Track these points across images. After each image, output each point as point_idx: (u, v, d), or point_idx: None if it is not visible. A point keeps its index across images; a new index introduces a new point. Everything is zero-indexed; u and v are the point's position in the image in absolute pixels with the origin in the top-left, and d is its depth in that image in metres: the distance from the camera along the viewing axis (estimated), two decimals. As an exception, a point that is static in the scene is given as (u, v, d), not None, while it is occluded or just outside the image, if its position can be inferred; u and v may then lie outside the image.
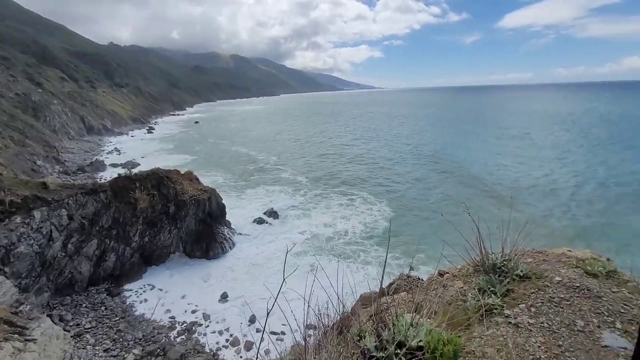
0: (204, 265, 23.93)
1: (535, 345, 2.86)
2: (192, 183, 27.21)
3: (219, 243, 25.29)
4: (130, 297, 20.47)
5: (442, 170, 47.48)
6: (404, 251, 24.91)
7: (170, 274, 22.68)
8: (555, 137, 70.12)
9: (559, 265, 3.97)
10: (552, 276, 3.65)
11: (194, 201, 25.05)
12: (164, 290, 20.91)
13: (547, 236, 26.04)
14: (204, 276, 22.55)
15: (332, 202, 36.11)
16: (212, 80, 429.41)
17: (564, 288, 3.43)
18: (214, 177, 46.18)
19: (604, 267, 3.71)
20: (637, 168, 43.19)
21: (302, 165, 53.88)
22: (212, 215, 26.45)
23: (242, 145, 74.25)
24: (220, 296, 20.37)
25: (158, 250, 23.86)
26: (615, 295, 3.32)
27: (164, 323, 18.29)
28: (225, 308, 19.34)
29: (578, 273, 3.70)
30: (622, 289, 3.43)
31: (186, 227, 24.83)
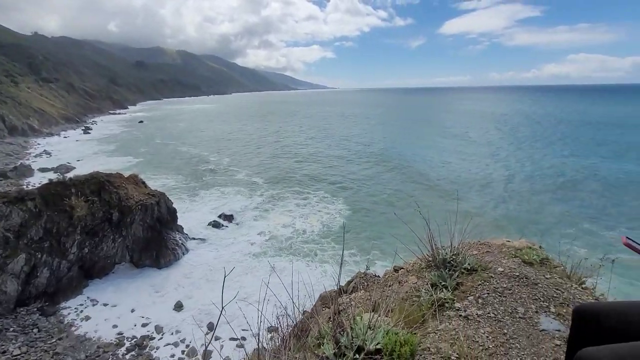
0: (155, 274, 22.44)
1: (484, 336, 3.10)
2: (138, 187, 25.36)
3: (171, 250, 23.89)
4: (69, 315, 18.52)
5: (393, 167, 49.67)
6: (360, 248, 25.62)
7: (116, 287, 20.92)
8: (490, 135, 77.18)
9: (501, 255, 4.36)
10: (495, 267, 3.99)
11: (140, 206, 23.36)
12: (110, 305, 19.24)
13: (487, 225, 28.52)
14: (155, 286, 21.15)
15: (289, 202, 35.95)
16: (157, 77, 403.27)
17: (506, 278, 3.77)
18: (164, 180, 43.50)
19: (538, 256, 4.15)
20: (556, 162, 49.48)
21: (257, 165, 52.89)
22: (161, 220, 24.90)
23: (193, 145, 70.83)
24: (174, 306, 19.26)
25: (101, 262, 21.87)
26: (549, 281, 3.71)
27: (110, 340, 16.83)
28: (180, 318, 18.34)
29: (517, 263, 4.09)
30: (554, 274, 3.87)
31: (133, 234, 23.07)
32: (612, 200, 33.73)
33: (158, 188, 34.38)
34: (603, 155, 52.80)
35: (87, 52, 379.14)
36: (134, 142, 75.11)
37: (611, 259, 3.97)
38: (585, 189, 37.32)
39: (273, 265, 23.22)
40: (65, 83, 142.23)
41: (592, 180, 40.05)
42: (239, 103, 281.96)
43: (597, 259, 4.26)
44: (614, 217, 29.85)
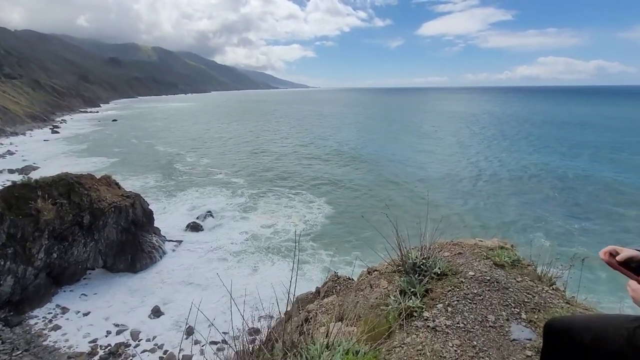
0: (130, 279, 21.56)
1: (452, 350, 2.95)
2: (111, 188, 24.27)
3: (147, 253, 23.02)
4: (36, 324, 17.46)
5: (365, 167, 50.00)
6: (339, 248, 25.47)
7: (88, 294, 19.94)
8: (460, 134, 79.59)
9: (473, 257, 4.30)
10: (466, 271, 3.90)
11: (114, 209, 22.35)
12: (81, 313, 18.30)
13: (458, 222, 29.23)
14: (131, 291, 20.32)
15: (270, 201, 35.52)
16: (131, 74, 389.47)
17: (477, 283, 3.67)
18: (140, 181, 41.99)
19: (509, 257, 4.11)
20: (521, 159, 51.90)
21: (237, 165, 51.97)
22: (137, 223, 23.94)
23: (170, 145, 68.78)
24: (151, 311, 18.55)
25: (71, 268, 20.75)
26: (520, 285, 3.63)
27: (82, 350, 15.99)
28: (157, 323, 17.68)
29: (488, 265, 4.02)
30: (525, 277, 3.81)
31: (106, 238, 22.03)
32: (570, 194, 35.45)
33: (134, 189, 33.11)
34: (562, 152, 55.79)
35: (54, 47, 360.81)
36: (107, 141, 72.10)
37: (581, 258, 3.99)
38: (546, 184, 38.89)
39: (255, 267, 22.90)
40: (30, 79, 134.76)
41: (550, 176, 41.97)
42: (217, 102, 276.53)
43: (567, 258, 4.27)
44: (573, 210, 31.34)
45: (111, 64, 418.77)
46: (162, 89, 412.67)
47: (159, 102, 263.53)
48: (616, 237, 25.93)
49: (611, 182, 38.82)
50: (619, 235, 26.39)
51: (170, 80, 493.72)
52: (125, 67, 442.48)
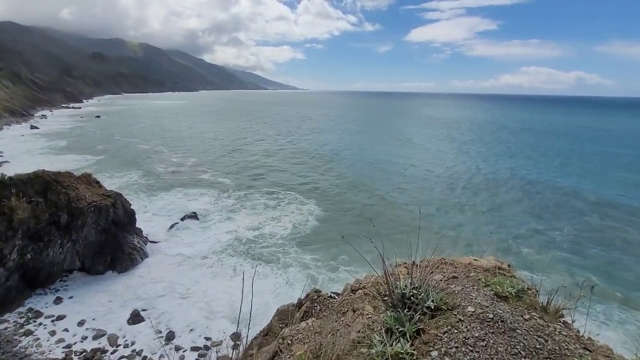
0: (110, 281, 20.77)
1: None
2: (91, 187, 23.41)
3: (128, 254, 22.25)
4: (7, 330, 16.54)
5: (372, 169, 50.30)
6: (325, 253, 25.11)
7: (63, 297, 19.09)
8: (441, 140, 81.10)
9: (470, 284, 3.82)
10: (464, 305, 3.36)
11: (93, 208, 21.54)
12: (56, 317, 17.46)
13: (446, 226, 29.66)
14: (110, 294, 19.55)
15: (257, 203, 35.02)
16: (116, 70, 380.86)
17: (478, 322, 3.11)
18: (122, 180, 40.83)
19: (513, 287, 3.59)
20: (502, 163, 54.06)
21: (223, 165, 51.20)
22: (118, 223, 23.14)
23: (156, 143, 67.27)
24: (130, 315, 17.87)
25: (46, 269, 19.84)
26: (529, 325, 3.11)
27: (55, 356, 15.23)
28: (137, 328, 17.03)
29: (489, 296, 3.52)
30: (533, 313, 3.29)
31: (84, 238, 21.20)
32: (536, 200, 36.62)
33: (115, 188, 32.14)
34: (535, 160, 57.84)
35: (36, 39, 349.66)
36: (89, 138, 69.99)
37: (590, 286, 3.60)
38: (513, 190, 40.18)
39: (235, 270, 22.43)
40: (10, 72, 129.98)
41: (515, 182, 43.43)
42: (205, 101, 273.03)
43: (575, 285, 3.91)
44: (549, 215, 32.14)
45: (95, 59, 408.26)
46: (148, 86, 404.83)
47: (145, 99, 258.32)
48: (563, 240, 26.71)
49: (570, 189, 40.40)
50: (564, 238, 27.19)
51: (157, 77, 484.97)
52: (110, 62, 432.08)
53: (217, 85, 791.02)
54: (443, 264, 4.38)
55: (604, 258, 24.44)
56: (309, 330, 3.76)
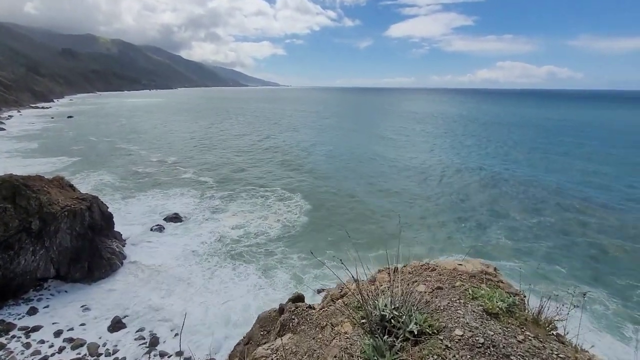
0: (87, 288, 19.92)
1: None
2: (65, 191, 22.31)
3: (107, 259, 21.41)
4: (-25, 344, 15.60)
5: (349, 165, 50.43)
6: (313, 247, 25.15)
7: (38, 307, 18.16)
8: (416, 134, 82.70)
9: (456, 296, 3.54)
10: (451, 327, 3.03)
11: (67, 213, 20.54)
12: (30, 328, 16.58)
13: (425, 217, 30.24)
14: (89, 302, 18.75)
15: (242, 202, 34.49)
16: (88, 68, 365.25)
17: (468, 349, 2.79)
18: (99, 182, 39.24)
19: (503, 301, 3.36)
20: (470, 156, 56.03)
21: (205, 164, 50.10)
22: (94, 227, 22.20)
23: (134, 143, 65.05)
24: (111, 322, 17.21)
25: (18, 279, 18.80)
26: (523, 348, 2.85)
27: (30, 369, 14.50)
28: (118, 336, 16.41)
29: (479, 314, 3.24)
30: (527, 332, 3.06)
31: (58, 245, 20.21)
32: (497, 193, 38.00)
33: (92, 191, 30.89)
34: (504, 152, 60.05)
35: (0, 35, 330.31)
36: (62, 140, 66.84)
37: (582, 293, 3.44)
38: (482, 181, 41.65)
39: (214, 270, 22.02)
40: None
41: (482, 173, 44.88)
42: (184, 99, 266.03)
43: (567, 292, 3.77)
44: (513, 204, 33.36)
45: (65, 56, 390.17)
46: (123, 84, 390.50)
47: (121, 97, 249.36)
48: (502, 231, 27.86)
49: (532, 180, 42.15)
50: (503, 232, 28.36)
51: (132, 75, 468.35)
52: (81, 59, 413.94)
53: (196, 83, 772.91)
54: (427, 269, 4.12)
55: (558, 243, 25.61)
56: (284, 350, 3.44)
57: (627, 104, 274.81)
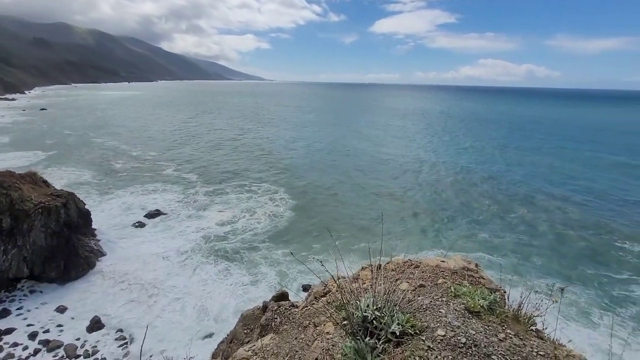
0: (64, 288, 19.22)
1: None
2: (38, 187, 21.37)
3: (84, 258, 20.70)
4: (-58, 349, 14.83)
5: (335, 159, 50.50)
6: (298, 242, 25.16)
7: (10, 308, 17.39)
8: (407, 129, 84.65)
9: (439, 294, 3.56)
10: (433, 327, 3.01)
11: (41, 210, 19.68)
12: (3, 331, 15.86)
13: (405, 212, 30.84)
14: (66, 302, 18.11)
15: (225, 197, 33.99)
16: (63, 58, 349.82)
17: (450, 350, 2.79)
18: (76, 177, 37.84)
19: (485, 299, 3.38)
20: (453, 150, 58.00)
21: (188, 159, 49.03)
22: (70, 225, 21.39)
23: (112, 137, 62.91)
24: (89, 322, 16.70)
25: (-12, 279, 17.94)
26: (504, 347, 2.88)
27: (3, 373, 13.91)
28: (97, 336, 15.95)
29: (460, 313, 3.24)
30: (508, 330, 3.09)
31: (32, 243, 19.36)
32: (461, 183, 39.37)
33: (68, 187, 29.74)
34: (474, 147, 62.25)
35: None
36: (35, 133, 63.89)
37: (560, 288, 3.56)
38: (444, 177, 42.90)
39: (206, 270, 21.71)
40: None
41: (454, 168, 46.34)
42: (164, 92, 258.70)
43: (546, 287, 3.78)
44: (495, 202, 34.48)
45: (38, 46, 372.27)
46: (101, 76, 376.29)
47: (98, 90, 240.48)
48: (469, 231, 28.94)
49: (503, 175, 43.82)
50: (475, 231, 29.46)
51: (110, 66, 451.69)
52: (55, 49, 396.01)
53: (178, 76, 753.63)
54: (410, 266, 4.09)
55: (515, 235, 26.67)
56: (265, 349, 3.37)
57: (597, 103, 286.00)
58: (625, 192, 37.26)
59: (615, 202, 34.35)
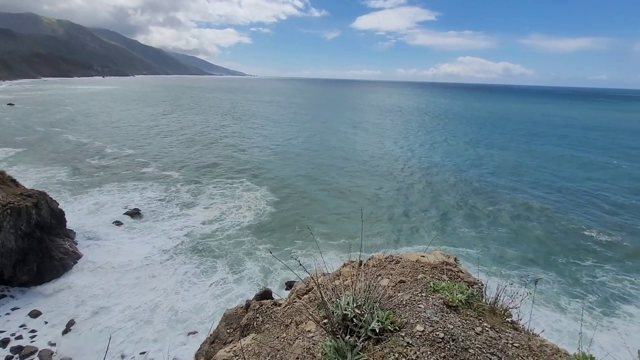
0: (37, 292, 18.43)
1: None
2: (6, 186, 20.33)
3: (58, 260, 19.91)
4: None
5: (311, 155, 50.56)
6: (282, 239, 25.15)
7: (-22, 314, 16.55)
8: (384, 125, 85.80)
9: (418, 289, 3.59)
10: (413, 323, 3.04)
11: (10, 210, 18.74)
12: (-31, 338, 15.11)
13: (383, 206, 31.45)
14: (39, 305, 17.40)
15: (207, 195, 33.44)
16: (31, 51, 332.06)
17: (429, 345, 2.81)
18: (48, 176, 36.22)
19: (463, 293, 3.44)
20: (428, 146, 59.40)
21: (168, 156, 47.82)
22: (43, 225, 20.49)
23: (85, 134, 60.40)
24: (65, 326, 16.12)
25: (-48, 285, 16.98)
26: (481, 340, 2.91)
27: (-29, 383, 13.25)
28: (73, 340, 15.42)
29: (439, 307, 3.29)
30: (484, 324, 3.14)
31: (1, 246, 18.43)
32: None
33: (40, 186, 28.50)
34: (442, 143, 64.35)
35: None
36: (2, 129, 60.48)
37: (534, 280, 3.58)
38: (418, 171, 44.06)
39: (186, 272, 21.37)
40: None
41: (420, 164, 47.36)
42: (141, 87, 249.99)
43: (520, 280, 3.89)
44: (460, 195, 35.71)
45: (3, 38, 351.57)
46: (73, 69, 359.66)
47: (70, 84, 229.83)
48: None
49: (472, 170, 45.21)
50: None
51: (83, 60, 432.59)
52: (22, 41, 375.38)
53: (156, 70, 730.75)
54: (391, 262, 4.14)
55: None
56: (246, 352, 3.32)
57: (566, 100, 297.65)
58: (581, 184, 39.40)
59: (577, 194, 36.23)
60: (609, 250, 24.51)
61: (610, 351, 3.57)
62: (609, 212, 31.69)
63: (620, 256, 23.72)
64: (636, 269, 22.13)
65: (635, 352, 3.17)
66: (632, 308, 18.36)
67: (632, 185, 39.98)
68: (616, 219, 30.08)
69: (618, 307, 18.40)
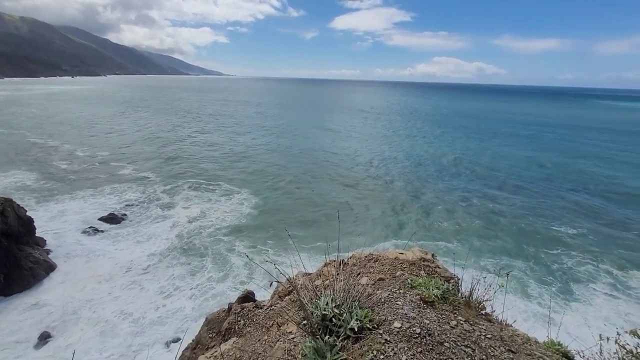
0: (5, 304, 17.46)
1: None
2: (-32, 194, 19.14)
3: (28, 270, 18.93)
4: None
5: (295, 156, 50.52)
6: (265, 237, 25.13)
7: (-62, 330, 15.51)
8: (359, 124, 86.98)
9: (397, 287, 3.66)
10: (390, 320, 3.09)
11: (-27, 219, 17.69)
12: None
13: (360, 205, 32.01)
14: (8, 318, 16.49)
15: (188, 197, 32.72)
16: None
17: (406, 341, 2.87)
18: (13, 181, 34.28)
19: (439, 288, 3.53)
20: (407, 144, 60.39)
21: (144, 159, 46.33)
22: (10, 234, 19.43)
23: (53, 137, 57.47)
24: (37, 339, 15.38)
25: None
26: (456, 334, 3.01)
27: None
28: (46, 353, 14.74)
29: (416, 304, 3.37)
30: (459, 317, 3.24)
31: (-37, 257, 17.37)
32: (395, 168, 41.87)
33: (5, 193, 27.00)
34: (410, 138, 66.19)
35: None
36: (-42, 133, 56.67)
37: (506, 272, 3.70)
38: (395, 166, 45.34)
39: (167, 276, 20.88)
40: None
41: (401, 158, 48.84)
42: (113, 87, 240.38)
43: (494, 271, 4.09)
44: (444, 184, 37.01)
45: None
46: (39, 69, 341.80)
47: (35, 84, 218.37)
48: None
49: (450, 166, 47.18)
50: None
51: (50, 59, 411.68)
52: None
53: (129, 70, 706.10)
54: (370, 260, 4.20)
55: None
56: (227, 357, 3.32)
57: (534, 98, 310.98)
58: (550, 181, 41.54)
59: (544, 189, 38.15)
60: (577, 239, 26.11)
61: (577, 336, 3.85)
62: (574, 204, 33.65)
63: (584, 243, 25.40)
64: (601, 254, 23.82)
65: (595, 330, 3.44)
66: (591, 290, 19.90)
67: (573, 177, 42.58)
68: (581, 210, 32.09)
69: (580, 290, 19.86)
